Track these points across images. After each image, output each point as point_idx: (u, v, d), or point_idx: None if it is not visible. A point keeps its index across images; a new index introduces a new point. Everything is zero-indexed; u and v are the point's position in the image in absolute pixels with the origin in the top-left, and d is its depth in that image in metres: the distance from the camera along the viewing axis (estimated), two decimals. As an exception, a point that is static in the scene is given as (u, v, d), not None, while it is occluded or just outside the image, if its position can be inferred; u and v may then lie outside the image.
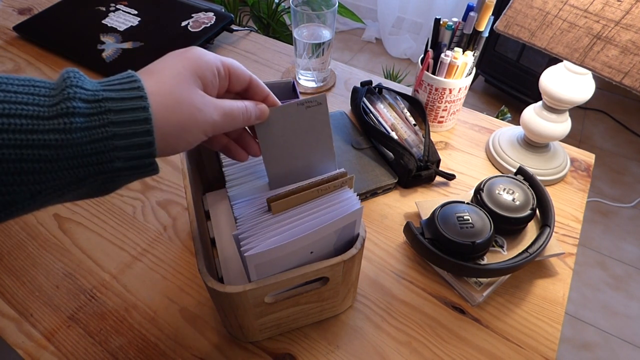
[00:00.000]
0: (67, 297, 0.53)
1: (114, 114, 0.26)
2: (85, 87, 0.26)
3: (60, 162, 0.25)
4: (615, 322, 1.42)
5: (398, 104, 0.73)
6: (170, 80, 0.29)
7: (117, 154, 0.26)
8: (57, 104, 0.25)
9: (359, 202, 0.40)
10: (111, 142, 0.26)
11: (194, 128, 0.30)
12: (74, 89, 0.25)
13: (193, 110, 0.30)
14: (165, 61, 0.31)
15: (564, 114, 0.64)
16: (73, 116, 0.25)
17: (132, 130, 0.26)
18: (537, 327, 0.51)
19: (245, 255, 0.36)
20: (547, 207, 0.57)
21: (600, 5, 0.50)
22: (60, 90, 0.25)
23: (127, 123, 0.26)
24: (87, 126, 0.25)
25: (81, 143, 0.25)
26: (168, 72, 0.30)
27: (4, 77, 0.25)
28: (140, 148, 0.27)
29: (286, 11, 1.61)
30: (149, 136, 0.27)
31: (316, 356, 0.48)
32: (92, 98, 0.26)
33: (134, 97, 0.27)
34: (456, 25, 0.68)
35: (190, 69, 0.31)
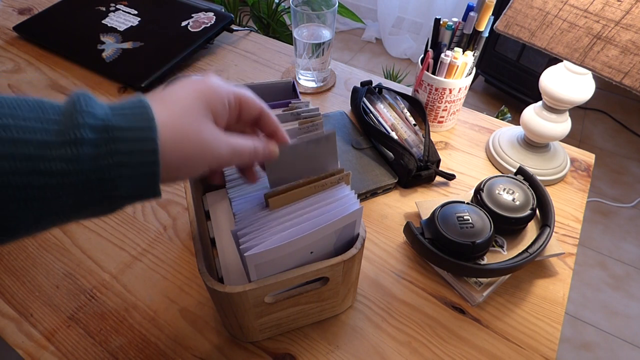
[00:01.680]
0: (67, 297, 0.53)
1: (122, 143, 0.26)
2: (95, 114, 0.26)
3: (65, 189, 0.25)
4: (615, 322, 1.42)
5: (398, 104, 0.73)
6: (181, 112, 0.29)
7: (122, 182, 0.26)
8: (66, 132, 0.25)
9: (357, 199, 0.40)
10: (117, 170, 0.26)
11: (199, 161, 0.30)
12: (84, 116, 0.25)
13: (201, 145, 0.30)
14: (178, 90, 0.31)
15: (564, 114, 0.64)
16: (81, 145, 0.24)
17: (138, 160, 0.26)
18: (537, 327, 0.51)
19: (245, 255, 0.36)
20: (547, 207, 0.57)
21: (600, 5, 0.50)
22: (69, 116, 0.25)
23: (135, 153, 0.26)
24: (95, 155, 0.25)
25: (87, 171, 0.25)
26: (180, 103, 0.29)
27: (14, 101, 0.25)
28: (144, 177, 0.27)
29: (286, 11, 1.61)
30: (154, 167, 0.27)
31: (316, 356, 0.48)
32: (101, 126, 0.25)
33: (144, 127, 0.27)
34: (456, 25, 0.68)
35: (202, 101, 0.30)
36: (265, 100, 0.55)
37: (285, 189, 0.39)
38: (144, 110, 0.27)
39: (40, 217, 0.25)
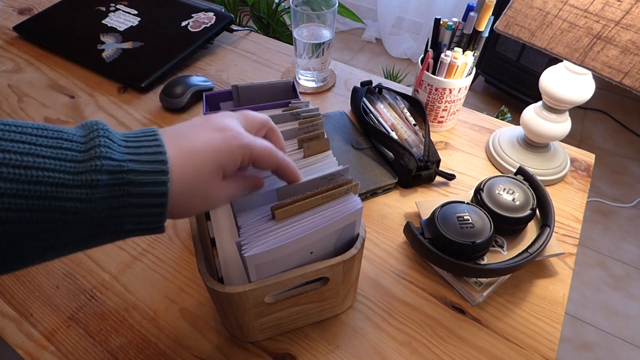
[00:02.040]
0: (67, 297, 0.53)
1: (134, 186, 0.27)
2: (113, 156, 0.26)
3: (75, 224, 0.26)
4: (615, 322, 1.42)
5: (398, 104, 0.73)
6: (194, 170, 0.30)
7: (129, 219, 0.27)
8: (83, 174, 0.25)
9: (360, 202, 0.40)
10: (126, 209, 0.27)
11: (198, 209, 0.32)
12: (101, 160, 0.26)
13: (205, 200, 0.31)
14: (197, 139, 0.31)
15: (564, 114, 0.64)
16: (96, 188, 0.25)
17: (148, 202, 0.27)
18: (537, 327, 0.51)
19: (245, 256, 0.36)
20: (547, 207, 0.57)
21: (600, 5, 0.50)
22: (89, 155, 0.26)
23: (145, 195, 0.27)
24: (107, 196, 0.26)
25: (98, 210, 0.26)
26: (195, 159, 0.30)
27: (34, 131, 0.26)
28: (151, 216, 0.28)
29: (286, 11, 1.61)
30: (162, 208, 0.28)
31: (316, 356, 0.48)
32: (117, 169, 0.26)
33: (157, 170, 0.28)
34: (456, 25, 0.68)
35: (216, 162, 0.31)
36: (265, 100, 0.55)
37: (293, 201, 0.38)
38: (159, 153, 0.28)
39: (48, 248, 0.26)
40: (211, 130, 0.32)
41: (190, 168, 0.30)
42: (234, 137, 0.32)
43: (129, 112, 0.78)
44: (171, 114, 0.78)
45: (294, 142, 0.45)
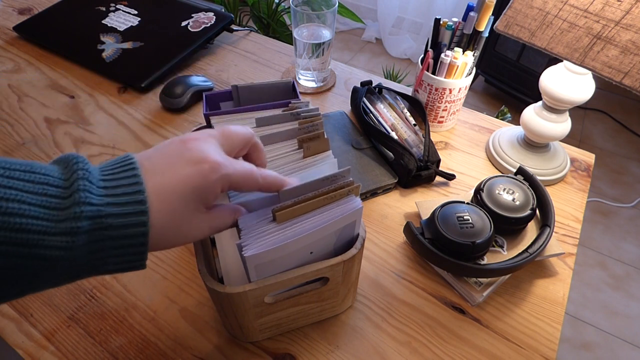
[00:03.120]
0: (67, 297, 0.53)
1: (114, 230, 0.27)
2: (92, 202, 0.26)
3: (55, 269, 0.26)
4: (615, 322, 1.42)
5: (398, 104, 0.73)
6: (174, 210, 0.30)
7: (110, 260, 0.28)
8: (64, 221, 0.25)
9: (360, 202, 0.40)
10: (106, 252, 0.27)
11: (179, 243, 0.32)
12: (82, 206, 0.26)
13: (185, 235, 0.31)
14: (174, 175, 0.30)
15: (564, 114, 0.64)
16: (77, 235, 0.25)
17: (127, 243, 0.28)
18: (537, 327, 0.51)
19: (245, 256, 0.36)
20: (547, 207, 0.57)
21: (600, 5, 0.50)
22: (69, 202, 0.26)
23: (125, 237, 0.27)
24: (87, 242, 0.26)
25: (79, 256, 0.26)
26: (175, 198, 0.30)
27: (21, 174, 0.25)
28: (131, 255, 0.28)
29: (286, 11, 1.61)
30: (141, 247, 0.28)
31: (316, 356, 0.48)
32: (96, 214, 0.26)
33: (136, 212, 0.27)
34: (456, 25, 0.68)
35: (198, 196, 0.31)
36: (265, 100, 0.55)
37: (294, 203, 0.38)
38: (138, 197, 0.28)
39: (24, 290, 0.26)
40: (188, 165, 0.30)
41: (169, 207, 0.29)
42: (212, 169, 0.31)
43: (129, 112, 0.78)
44: (171, 114, 0.78)
45: (294, 142, 0.44)
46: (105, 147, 0.71)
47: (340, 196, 0.40)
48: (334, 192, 0.39)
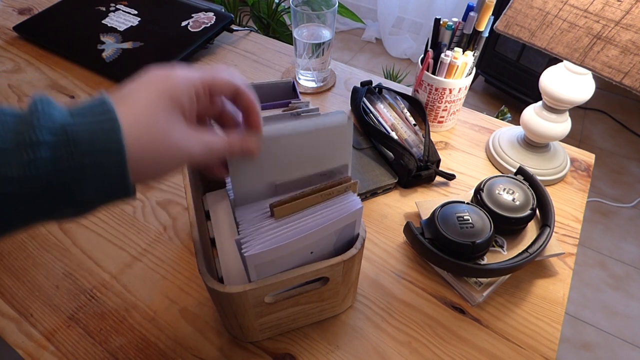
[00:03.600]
0: (67, 297, 0.53)
1: (83, 145, 0.24)
2: (53, 117, 0.24)
3: (26, 196, 0.24)
4: (615, 322, 1.41)
5: (398, 104, 0.73)
6: (145, 112, 0.27)
7: (89, 185, 0.25)
8: (22, 136, 0.23)
9: (360, 202, 0.40)
10: (80, 173, 0.24)
11: (170, 161, 0.29)
12: (40, 119, 0.24)
13: (170, 146, 0.28)
14: (139, 87, 0.29)
15: (564, 114, 0.64)
16: (38, 148, 0.23)
17: (104, 160, 0.25)
18: (537, 327, 0.51)
19: (245, 256, 0.36)
20: (547, 207, 0.57)
21: (600, 5, 0.50)
22: (26, 120, 0.24)
23: (99, 152, 0.25)
24: (53, 158, 0.24)
25: (47, 176, 0.24)
26: (143, 101, 0.28)
27: None
28: (113, 178, 0.26)
29: (286, 11, 1.61)
30: (122, 165, 0.25)
31: (316, 356, 0.48)
32: (59, 128, 0.24)
33: (106, 128, 0.25)
34: (456, 25, 0.68)
35: (167, 100, 0.28)
36: (266, 100, 0.55)
37: (291, 198, 0.38)
38: (105, 109, 0.26)
39: (6, 224, 0.25)
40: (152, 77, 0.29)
41: (141, 111, 0.27)
42: (178, 72, 0.30)
43: (129, 112, 0.78)
44: (171, 114, 0.78)
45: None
46: (105, 147, 0.71)
47: (339, 192, 0.40)
48: (331, 188, 0.39)
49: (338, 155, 0.38)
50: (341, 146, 0.38)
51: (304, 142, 0.36)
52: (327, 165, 0.38)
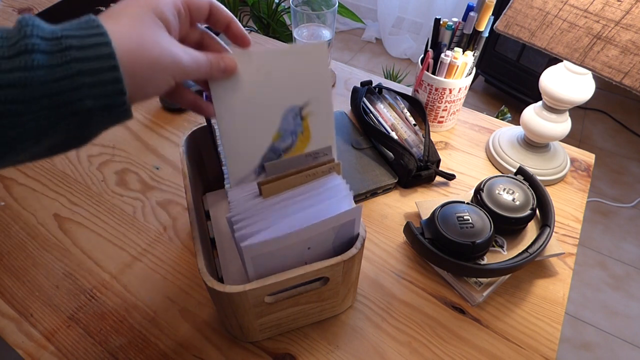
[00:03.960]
0: (67, 297, 0.53)
1: (76, 51, 0.26)
2: (44, 28, 0.26)
3: (28, 103, 0.25)
4: (615, 322, 1.41)
5: (398, 104, 0.73)
6: (133, 23, 0.29)
7: (85, 92, 0.26)
8: (16, 43, 0.24)
9: (349, 188, 0.41)
10: (77, 79, 0.25)
11: (161, 70, 0.30)
12: (32, 29, 0.25)
13: (160, 50, 0.29)
14: (124, 5, 0.30)
15: (564, 114, 0.64)
16: (33, 53, 0.24)
17: (97, 66, 0.26)
18: (537, 327, 0.51)
19: (242, 247, 0.36)
20: (547, 207, 0.57)
21: (600, 5, 0.50)
22: (18, 31, 0.25)
23: (91, 59, 0.26)
24: (50, 64, 0.25)
25: (46, 81, 0.25)
26: (130, 16, 0.29)
27: None
28: (108, 84, 0.27)
29: (286, 11, 1.61)
30: (115, 72, 0.27)
31: (316, 356, 0.48)
32: (51, 36, 0.25)
33: (95, 34, 0.27)
34: (456, 25, 0.68)
35: (151, 12, 0.30)
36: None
37: (277, 178, 0.39)
38: (93, 24, 0.27)
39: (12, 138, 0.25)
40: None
41: (128, 22, 0.29)
42: None
43: (129, 112, 0.78)
44: (171, 114, 0.78)
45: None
46: (105, 147, 0.71)
47: (323, 173, 0.40)
48: (315, 168, 0.40)
49: (316, 81, 0.38)
50: (318, 71, 0.38)
51: (280, 61, 0.37)
52: (307, 93, 0.38)
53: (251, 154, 0.39)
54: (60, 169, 0.68)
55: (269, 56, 0.37)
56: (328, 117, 0.40)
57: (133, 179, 0.67)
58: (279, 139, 0.39)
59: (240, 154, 0.39)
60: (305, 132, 0.40)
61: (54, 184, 0.65)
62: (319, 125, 0.40)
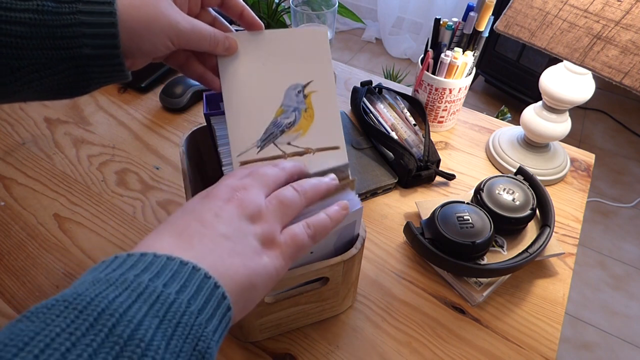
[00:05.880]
0: (67, 297, 0.53)
1: (82, 4, 0.29)
2: None
3: (33, 40, 0.28)
4: (615, 322, 1.42)
5: (398, 104, 0.73)
6: None
7: (84, 41, 0.29)
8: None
9: (360, 202, 0.40)
10: (79, 29, 0.29)
11: (158, 30, 0.32)
12: None
13: (156, 12, 0.32)
14: None
15: (564, 114, 0.64)
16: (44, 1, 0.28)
17: (97, 21, 0.29)
18: (537, 327, 0.51)
19: None
20: (547, 207, 0.57)
21: (600, 5, 0.50)
22: None
23: (94, 14, 0.29)
24: (58, 11, 0.28)
25: (52, 25, 0.28)
26: None
27: None
28: (105, 38, 0.30)
29: (286, 11, 1.62)
30: (113, 28, 0.30)
31: (316, 356, 0.48)
32: None
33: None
34: (456, 25, 0.68)
35: None
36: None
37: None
38: None
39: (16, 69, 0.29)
40: None
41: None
42: None
43: (129, 112, 0.78)
44: (171, 114, 0.78)
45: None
46: (105, 147, 0.71)
47: (337, 190, 0.40)
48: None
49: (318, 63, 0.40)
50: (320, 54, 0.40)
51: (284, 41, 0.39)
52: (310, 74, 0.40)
53: (254, 128, 0.39)
54: (60, 169, 0.68)
55: (273, 36, 0.39)
56: (332, 99, 0.40)
57: (133, 179, 0.67)
58: (282, 114, 0.40)
59: (243, 127, 0.39)
60: (309, 111, 0.40)
61: (54, 184, 0.65)
62: (322, 105, 0.40)
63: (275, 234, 0.30)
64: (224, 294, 0.25)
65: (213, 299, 0.24)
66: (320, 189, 0.35)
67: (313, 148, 0.40)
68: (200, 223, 0.28)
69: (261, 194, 0.32)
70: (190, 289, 0.23)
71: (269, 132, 0.40)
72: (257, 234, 0.29)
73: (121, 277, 0.22)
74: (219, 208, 0.29)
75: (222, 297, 0.25)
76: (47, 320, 0.19)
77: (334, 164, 0.41)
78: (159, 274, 0.23)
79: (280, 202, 0.32)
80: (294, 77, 0.40)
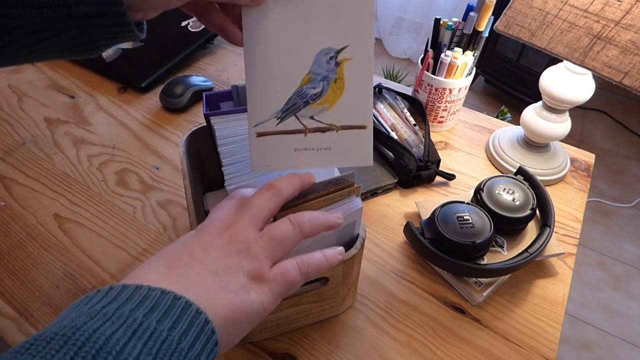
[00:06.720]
0: (67, 297, 0.53)
1: None
2: None
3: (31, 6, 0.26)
4: (615, 322, 1.42)
5: (398, 104, 0.73)
6: None
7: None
8: None
9: (360, 202, 0.40)
10: None
11: None
12: None
13: None
14: None
15: (564, 114, 0.64)
16: None
17: None
18: (537, 327, 0.51)
19: None
20: (547, 207, 0.57)
21: (600, 5, 0.50)
22: None
23: None
24: None
25: None
26: None
27: None
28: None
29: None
30: None
31: (316, 356, 0.48)
32: None
33: None
34: (456, 25, 0.68)
35: None
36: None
37: (294, 205, 0.37)
38: None
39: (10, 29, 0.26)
40: None
41: None
42: None
43: (129, 112, 0.78)
44: (171, 114, 0.78)
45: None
46: (105, 147, 0.71)
47: (341, 197, 0.39)
48: (335, 192, 0.39)
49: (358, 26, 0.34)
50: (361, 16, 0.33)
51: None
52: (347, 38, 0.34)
53: (275, 96, 0.35)
54: (60, 169, 0.68)
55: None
56: (367, 70, 0.35)
57: (133, 179, 0.67)
58: (309, 82, 0.35)
59: (263, 94, 0.35)
60: (339, 82, 0.35)
61: (54, 184, 0.65)
62: (355, 77, 0.35)
63: (264, 270, 0.30)
64: (212, 329, 0.26)
65: (202, 334, 0.25)
66: (319, 225, 0.33)
67: (337, 125, 0.36)
68: (189, 256, 0.29)
69: (252, 228, 0.31)
70: (182, 325, 0.24)
71: (292, 103, 0.35)
72: (245, 269, 0.29)
73: (117, 312, 0.24)
74: (208, 243, 0.30)
75: (211, 332, 0.26)
76: (47, 356, 0.20)
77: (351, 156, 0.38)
78: (153, 310, 0.24)
79: (271, 238, 0.31)
80: (327, 40, 0.34)
